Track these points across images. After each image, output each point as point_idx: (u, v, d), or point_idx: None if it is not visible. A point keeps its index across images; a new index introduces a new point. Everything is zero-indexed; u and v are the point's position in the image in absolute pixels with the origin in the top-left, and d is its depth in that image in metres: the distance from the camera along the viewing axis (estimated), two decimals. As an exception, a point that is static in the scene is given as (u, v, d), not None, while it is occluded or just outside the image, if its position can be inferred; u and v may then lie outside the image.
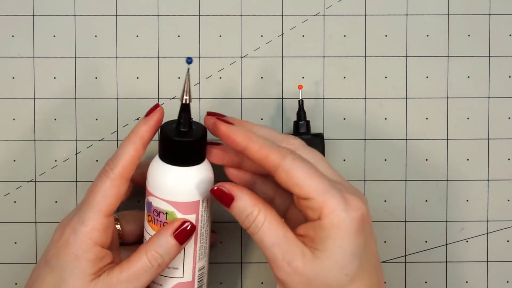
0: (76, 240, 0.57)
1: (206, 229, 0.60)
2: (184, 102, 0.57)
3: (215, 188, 0.57)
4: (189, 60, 0.57)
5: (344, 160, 0.67)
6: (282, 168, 0.55)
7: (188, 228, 0.58)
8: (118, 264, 0.58)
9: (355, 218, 0.54)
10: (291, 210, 0.60)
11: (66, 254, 0.57)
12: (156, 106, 0.59)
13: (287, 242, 0.55)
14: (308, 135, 0.64)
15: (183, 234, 0.58)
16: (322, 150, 0.64)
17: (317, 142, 0.63)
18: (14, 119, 0.67)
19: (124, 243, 0.63)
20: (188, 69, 0.57)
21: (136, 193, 0.64)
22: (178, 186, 0.58)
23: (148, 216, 0.59)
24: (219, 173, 0.61)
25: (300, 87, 0.65)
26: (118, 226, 0.62)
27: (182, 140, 0.57)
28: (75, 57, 0.67)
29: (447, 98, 0.67)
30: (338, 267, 0.54)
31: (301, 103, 0.65)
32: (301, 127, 0.64)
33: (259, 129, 0.59)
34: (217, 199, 0.57)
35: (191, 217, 0.58)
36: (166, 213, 0.58)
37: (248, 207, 0.56)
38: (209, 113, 0.59)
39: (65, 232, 0.58)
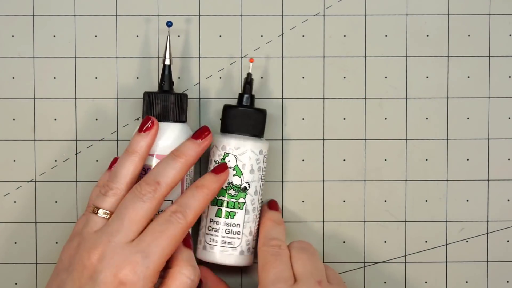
0: (138, 284, 0.56)
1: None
2: (165, 63, 0.63)
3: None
4: (169, 24, 0.63)
5: (344, 160, 0.67)
6: None
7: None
8: None
9: None
10: None
11: None
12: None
13: None
14: (251, 109, 0.64)
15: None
16: (262, 128, 0.64)
17: (260, 117, 0.63)
18: (14, 119, 0.67)
19: None
20: (168, 32, 0.63)
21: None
22: (158, 139, 0.62)
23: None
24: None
25: (251, 60, 0.64)
26: None
27: (165, 95, 0.62)
28: (75, 57, 0.67)
29: (447, 98, 0.67)
30: None
31: (249, 76, 0.64)
32: (246, 100, 0.64)
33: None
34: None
35: None
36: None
37: None
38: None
39: (123, 269, 0.56)
